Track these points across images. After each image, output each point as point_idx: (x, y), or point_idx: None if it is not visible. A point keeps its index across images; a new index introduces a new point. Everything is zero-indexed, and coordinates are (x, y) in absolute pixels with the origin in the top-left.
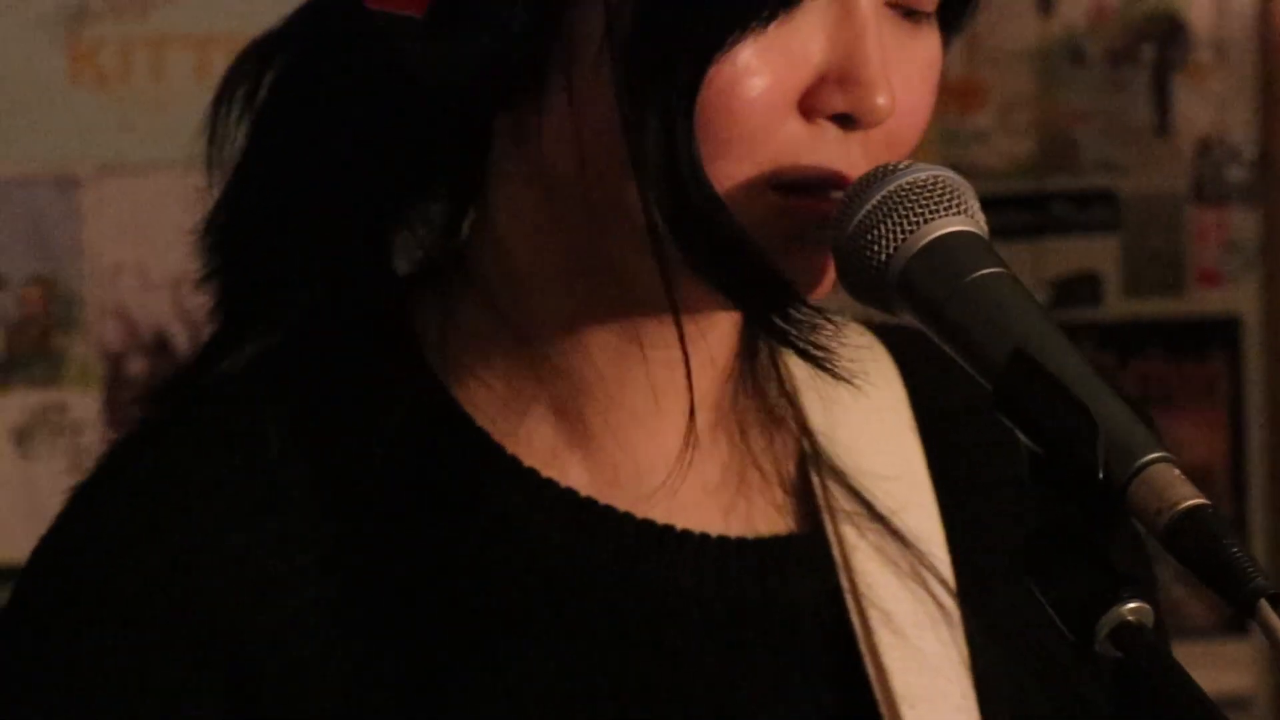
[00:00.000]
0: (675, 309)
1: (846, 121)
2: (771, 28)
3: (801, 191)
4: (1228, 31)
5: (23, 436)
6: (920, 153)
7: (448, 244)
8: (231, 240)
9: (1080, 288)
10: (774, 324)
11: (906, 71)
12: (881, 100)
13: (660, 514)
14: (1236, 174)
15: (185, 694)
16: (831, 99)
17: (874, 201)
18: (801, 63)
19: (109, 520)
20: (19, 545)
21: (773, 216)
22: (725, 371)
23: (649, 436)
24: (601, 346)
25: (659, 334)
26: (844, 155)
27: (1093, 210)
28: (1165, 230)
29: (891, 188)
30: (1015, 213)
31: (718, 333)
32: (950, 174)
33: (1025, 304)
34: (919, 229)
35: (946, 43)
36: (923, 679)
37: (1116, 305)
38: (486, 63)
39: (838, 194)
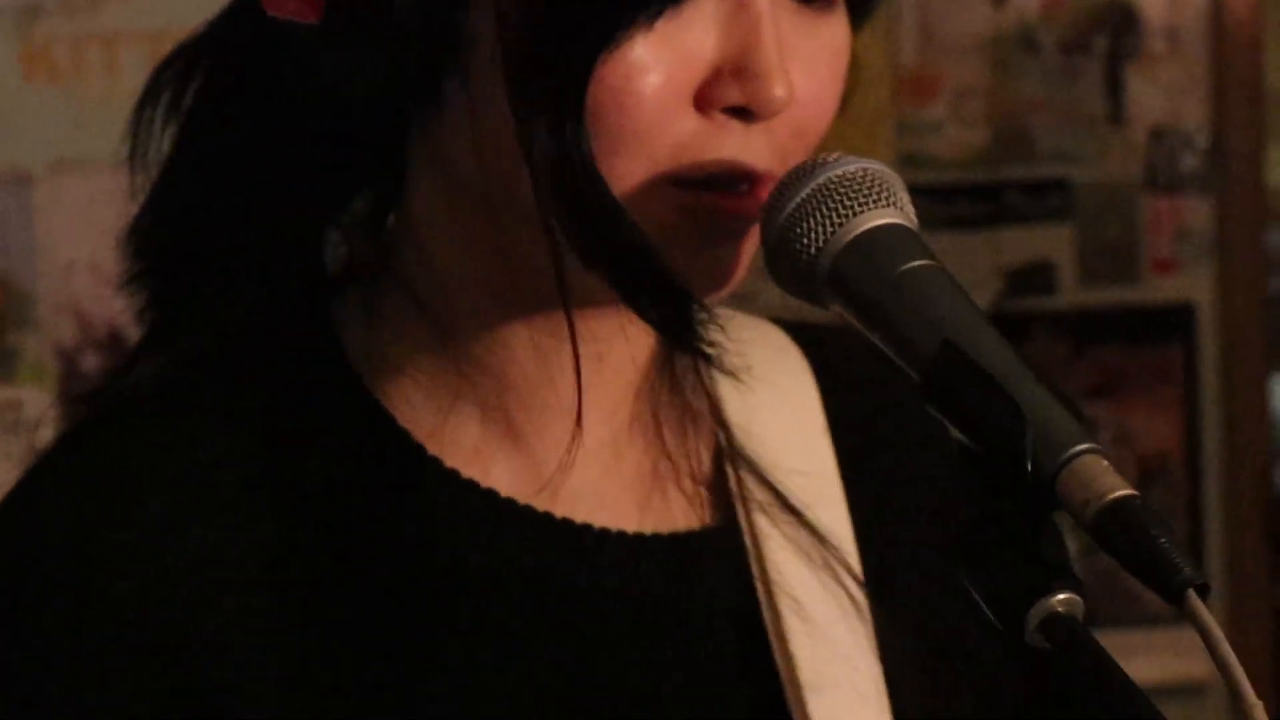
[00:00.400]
0: (567, 304)
1: (744, 114)
2: (660, 23)
3: (705, 187)
4: (1180, 20)
5: None
6: (874, 143)
7: (372, 242)
8: (158, 244)
9: (1035, 277)
10: (663, 320)
11: (810, 60)
12: (778, 91)
13: (580, 512)
14: (1190, 162)
15: (124, 693)
16: (726, 92)
17: (802, 195)
18: (694, 57)
19: (44, 519)
20: None
21: (675, 213)
22: (647, 366)
23: (570, 433)
24: (522, 343)
25: (583, 329)
26: (746, 148)
27: (1047, 199)
28: (1119, 219)
29: (820, 181)
30: (969, 202)
31: (638, 327)
32: (879, 166)
33: (954, 296)
34: (848, 222)
35: (856, 28)
36: (832, 667)
37: (1071, 294)
38: (382, 66)
39: (744, 187)
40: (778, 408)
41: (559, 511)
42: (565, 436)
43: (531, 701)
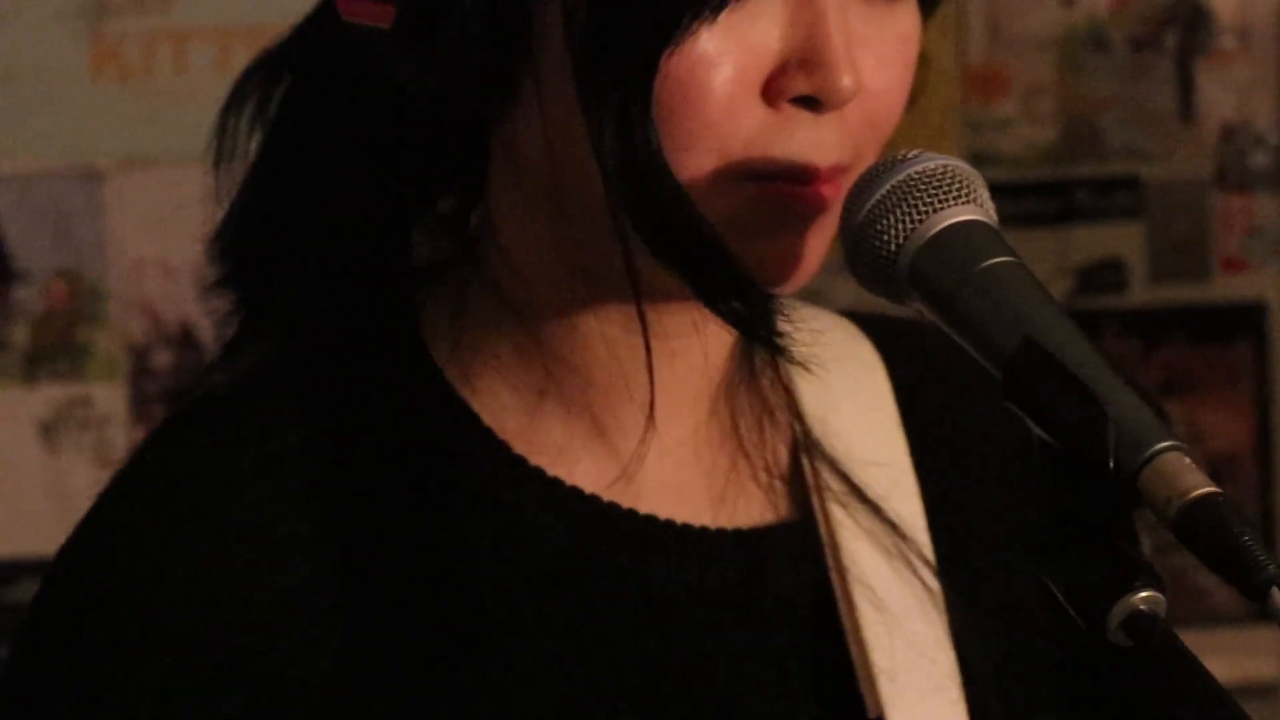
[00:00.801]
0: (638, 299)
1: (812, 104)
2: (725, 15)
3: (775, 179)
4: (1251, 17)
5: (49, 430)
6: (944, 141)
7: (456, 241)
8: (245, 247)
9: (1105, 275)
10: (733, 313)
11: (879, 49)
12: (846, 81)
13: (661, 508)
14: (1260, 160)
15: (204, 706)
16: (794, 82)
17: (883, 191)
18: (761, 49)
19: (126, 532)
20: (47, 539)
21: (745, 205)
22: (725, 361)
23: (654, 430)
24: (602, 339)
25: (660, 326)
26: (817, 142)
27: (1117, 197)
28: (1189, 217)
29: (900, 177)
30: (1039, 200)
31: (715, 322)
32: (959, 163)
33: (1036, 293)
34: (928, 218)
35: (926, 15)
36: (907, 656)
37: (1141, 292)
38: (455, 68)
39: (813, 179)
40: (851, 400)
41: (642, 508)
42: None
43: (612, 693)
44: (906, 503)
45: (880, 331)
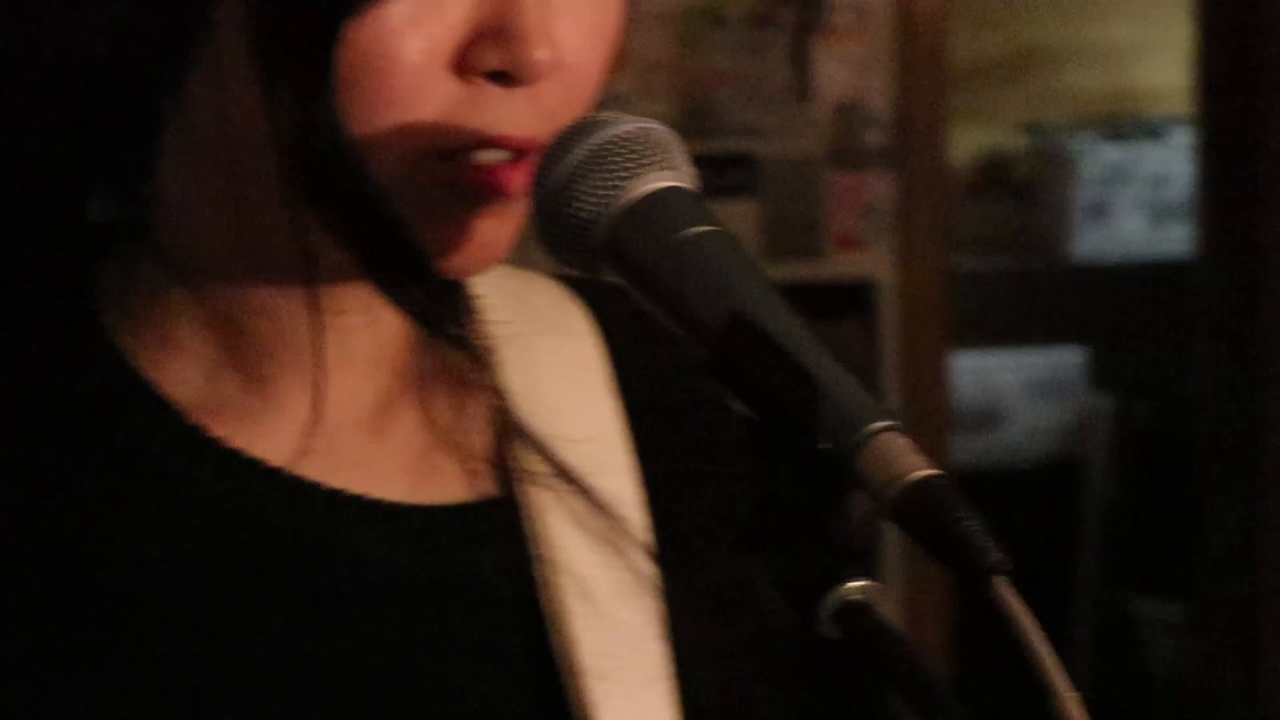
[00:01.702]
0: (307, 276)
1: (504, 79)
2: None
3: (466, 155)
4: None
5: None
6: None
7: (130, 209)
8: None
9: None
10: (401, 293)
11: (578, 17)
12: (540, 54)
13: (352, 483)
14: (874, 139)
15: None
16: (485, 56)
17: (578, 157)
18: (453, 19)
19: None
20: None
21: (435, 187)
22: (410, 334)
23: (338, 404)
24: (276, 311)
25: (341, 298)
26: (509, 115)
27: (731, 174)
28: (803, 194)
29: (597, 142)
30: None
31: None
32: (657, 126)
33: (742, 265)
34: (625, 185)
35: None
36: (615, 650)
37: None
38: (122, 34)
39: (497, 155)
40: (560, 371)
41: (328, 481)
42: (331, 407)
43: (293, 673)
44: (617, 479)
45: (593, 295)
